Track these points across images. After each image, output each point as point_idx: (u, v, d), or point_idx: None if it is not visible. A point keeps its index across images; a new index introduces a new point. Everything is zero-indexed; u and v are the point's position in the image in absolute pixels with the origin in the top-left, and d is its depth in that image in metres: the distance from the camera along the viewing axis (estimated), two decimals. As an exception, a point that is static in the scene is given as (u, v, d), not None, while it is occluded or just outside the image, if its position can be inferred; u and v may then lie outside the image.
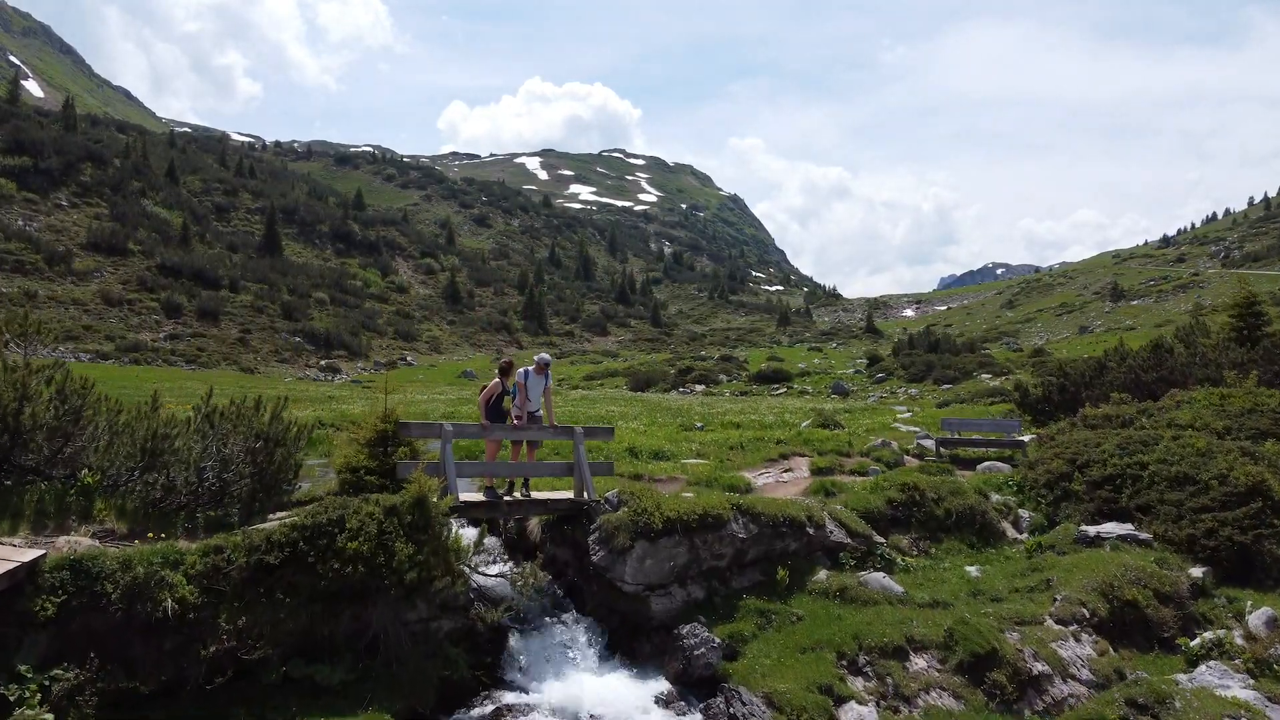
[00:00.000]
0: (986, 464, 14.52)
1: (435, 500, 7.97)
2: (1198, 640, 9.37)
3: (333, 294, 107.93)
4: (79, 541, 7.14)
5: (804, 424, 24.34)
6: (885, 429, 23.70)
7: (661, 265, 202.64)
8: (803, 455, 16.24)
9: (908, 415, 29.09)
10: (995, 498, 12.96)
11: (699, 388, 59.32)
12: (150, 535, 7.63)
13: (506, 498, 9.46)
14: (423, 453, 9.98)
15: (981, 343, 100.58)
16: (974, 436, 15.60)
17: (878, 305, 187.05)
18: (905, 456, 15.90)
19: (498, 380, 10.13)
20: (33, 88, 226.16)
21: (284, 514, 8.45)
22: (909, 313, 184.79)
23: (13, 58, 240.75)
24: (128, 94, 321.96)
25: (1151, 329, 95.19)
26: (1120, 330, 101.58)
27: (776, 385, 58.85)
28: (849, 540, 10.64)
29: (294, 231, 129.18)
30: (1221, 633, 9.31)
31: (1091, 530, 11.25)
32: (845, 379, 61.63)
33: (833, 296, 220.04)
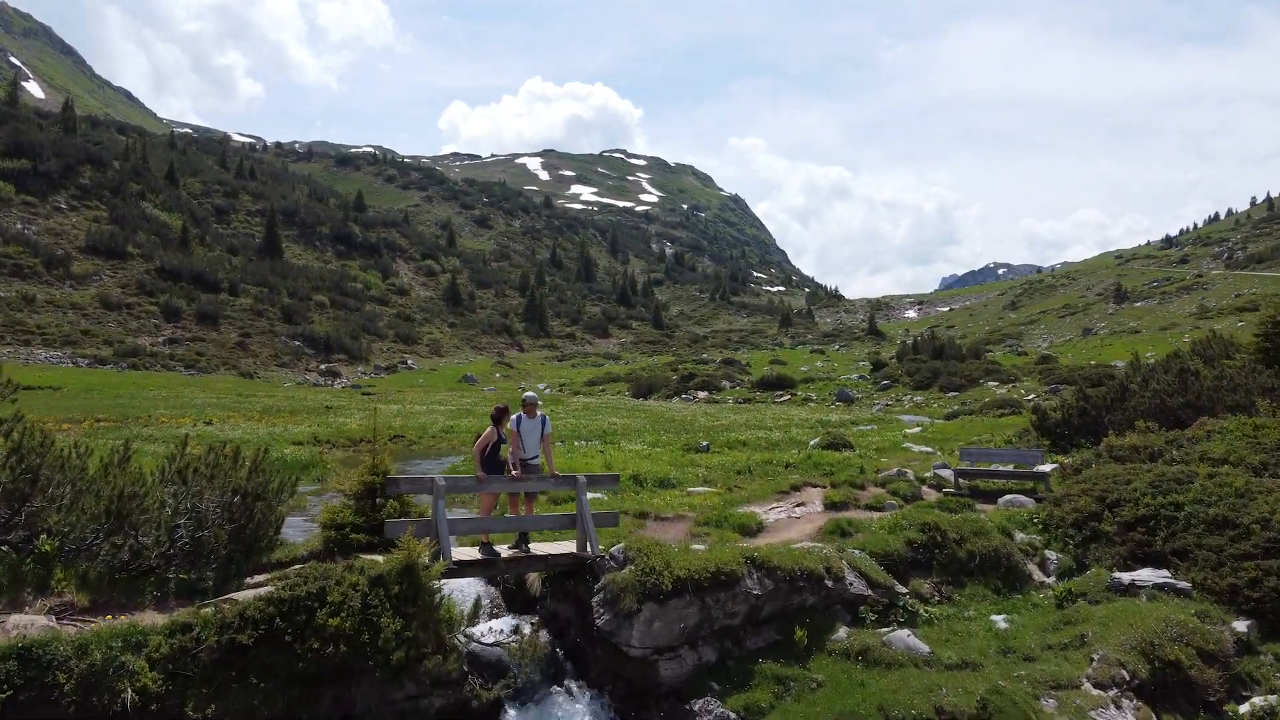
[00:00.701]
0: (1008, 497, 13.88)
1: (426, 567, 7.33)
2: (1246, 707, 8.72)
3: (333, 297, 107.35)
4: (32, 622, 6.50)
5: (812, 442, 23.70)
6: (896, 449, 23.06)
7: (663, 266, 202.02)
8: (815, 485, 15.60)
9: (917, 431, 28.45)
10: (1020, 537, 12.30)
11: (701, 395, 58.74)
12: (115, 608, 6.98)
13: (505, 554, 8.81)
14: (413, 506, 9.34)
15: (984, 345, 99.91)
16: (994, 467, 14.95)
17: (880, 306, 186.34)
18: (923, 487, 15.26)
19: (491, 428, 9.46)
20: (34, 89, 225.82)
21: (264, 576, 7.82)
22: (911, 314, 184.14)
23: (13, 59, 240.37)
24: (129, 95, 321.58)
25: (1156, 332, 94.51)
26: (1124, 333, 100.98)
27: (780, 392, 58.26)
28: (870, 592, 9.99)
29: (294, 234, 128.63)
30: (1274, 699, 8.66)
31: (1125, 578, 10.60)
32: (849, 386, 60.98)
33: (834, 297, 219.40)
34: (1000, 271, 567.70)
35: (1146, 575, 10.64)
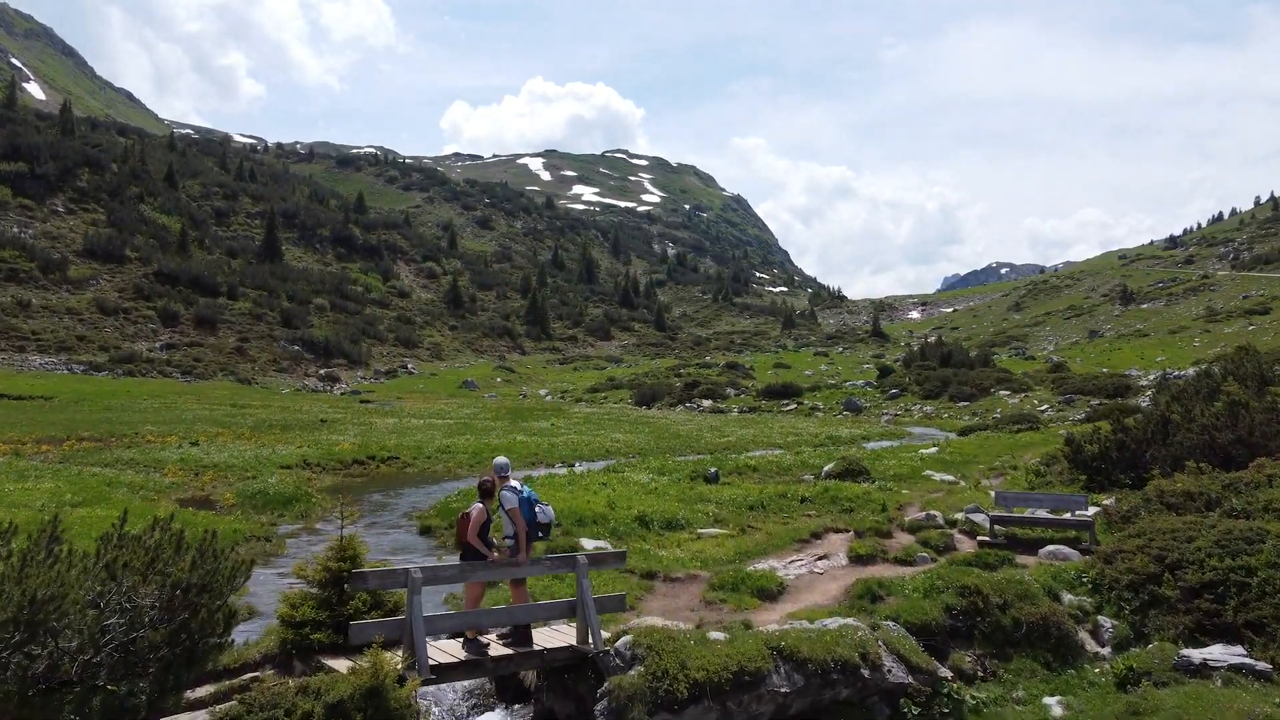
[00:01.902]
0: (1050, 548, 12.70)
1: (396, 686, 6.15)
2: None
3: (333, 300, 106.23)
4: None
5: (826, 468, 22.49)
6: (916, 476, 21.85)
7: (665, 267, 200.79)
8: (836, 531, 14.40)
9: (934, 452, 27.24)
10: (1068, 598, 11.12)
11: (706, 403, 57.58)
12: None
13: (493, 651, 7.60)
14: (387, 594, 8.12)
15: (989, 347, 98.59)
16: (1032, 513, 13.77)
17: (883, 307, 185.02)
18: (955, 533, 14.06)
19: (480, 506, 8.21)
20: (34, 90, 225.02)
21: (208, 688, 6.67)
22: (914, 315, 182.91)
23: (14, 60, 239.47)
24: (130, 95, 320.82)
25: (1165, 335, 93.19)
26: (1131, 335, 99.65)
27: (786, 401, 57.06)
28: (909, 679, 8.81)
29: (294, 236, 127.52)
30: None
31: (1195, 656, 9.43)
32: (857, 394, 59.77)
33: (837, 298, 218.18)
34: (1003, 271, 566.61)
35: (1220, 654, 9.43)
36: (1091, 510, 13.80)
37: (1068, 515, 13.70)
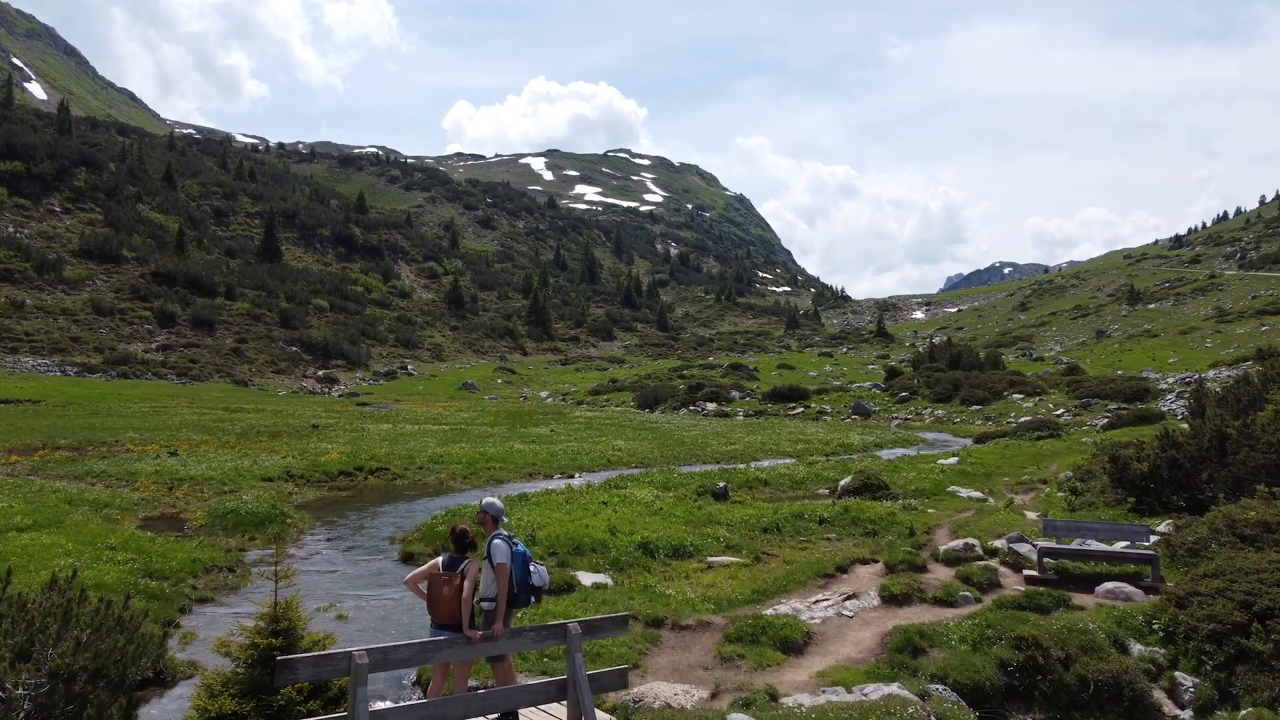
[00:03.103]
0: (1108, 585, 11.23)
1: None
2: None
3: (333, 300, 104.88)
4: None
5: (843, 482, 21.02)
6: (940, 492, 20.37)
7: (668, 267, 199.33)
8: (864, 563, 12.93)
9: (954, 463, 25.74)
10: (1137, 649, 9.67)
11: (710, 406, 56.07)
12: None
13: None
14: (331, 682, 6.65)
15: (996, 348, 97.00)
16: (1083, 543, 12.29)
17: (887, 307, 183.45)
18: (997, 566, 12.57)
19: (470, 563, 6.49)
20: (36, 90, 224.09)
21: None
22: (919, 315, 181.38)
23: (16, 60, 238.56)
24: (132, 96, 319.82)
25: (1175, 336, 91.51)
26: (1140, 335, 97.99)
27: (793, 404, 55.53)
28: (969, 765, 7.38)
29: (294, 236, 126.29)
30: None
31: (1300, 727, 8.01)
32: (865, 397, 58.24)
33: (841, 298, 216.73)
34: (1006, 270, 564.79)
35: (1330, 725, 7.98)
36: (1153, 538, 12.34)
37: (1125, 545, 12.23)
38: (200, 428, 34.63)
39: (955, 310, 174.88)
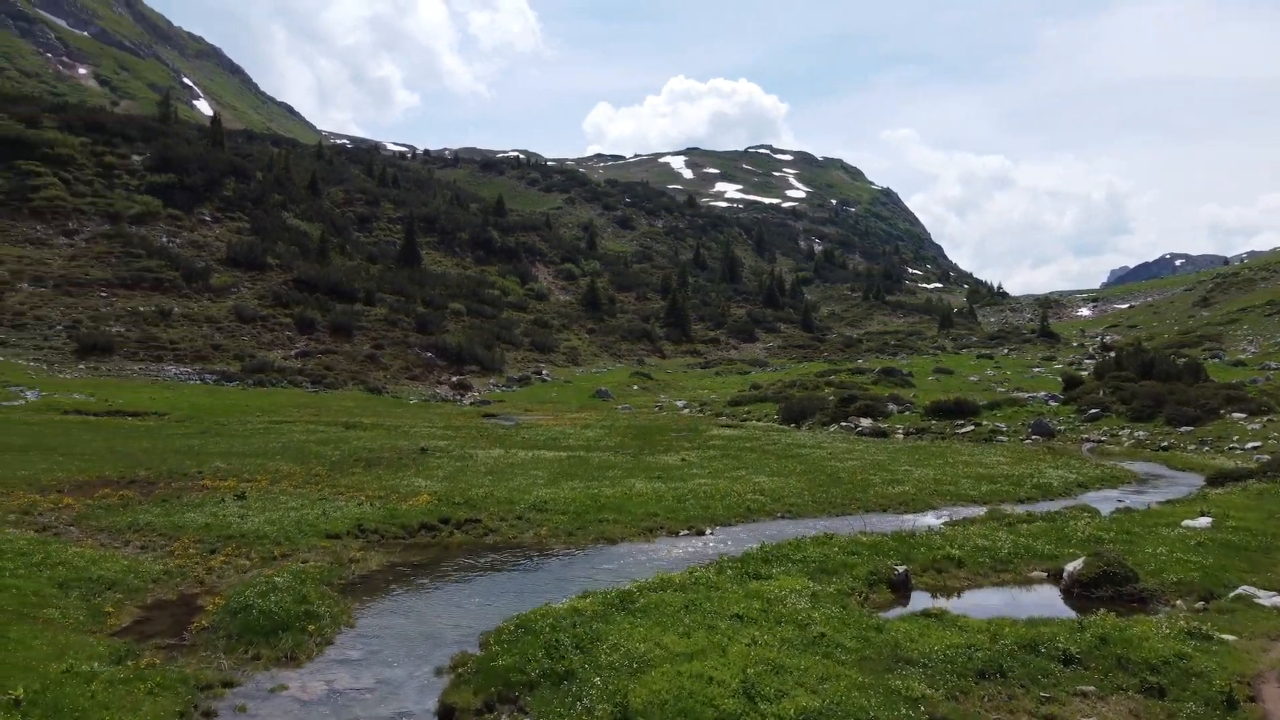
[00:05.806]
0: None
1: None
2: None
3: (469, 304, 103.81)
4: None
5: (1069, 568, 15.17)
6: (1216, 583, 14.25)
7: (811, 265, 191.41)
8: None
9: (1206, 525, 19.26)
10: None
11: (864, 422, 49.92)
12: None
13: None
14: None
15: (1178, 349, 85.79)
16: None
17: (1049, 304, 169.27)
18: None
19: None
20: (203, 106, 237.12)
21: None
22: (1084, 312, 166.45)
23: (186, 79, 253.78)
24: (290, 109, 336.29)
25: None
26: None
27: (960, 421, 48.68)
28: None
29: (434, 240, 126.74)
30: None
31: None
32: (1045, 413, 50.61)
33: (997, 295, 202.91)
34: (1178, 263, 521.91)
35: None
36: None
37: None
38: (298, 453, 31.63)
39: (1126, 306, 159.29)
